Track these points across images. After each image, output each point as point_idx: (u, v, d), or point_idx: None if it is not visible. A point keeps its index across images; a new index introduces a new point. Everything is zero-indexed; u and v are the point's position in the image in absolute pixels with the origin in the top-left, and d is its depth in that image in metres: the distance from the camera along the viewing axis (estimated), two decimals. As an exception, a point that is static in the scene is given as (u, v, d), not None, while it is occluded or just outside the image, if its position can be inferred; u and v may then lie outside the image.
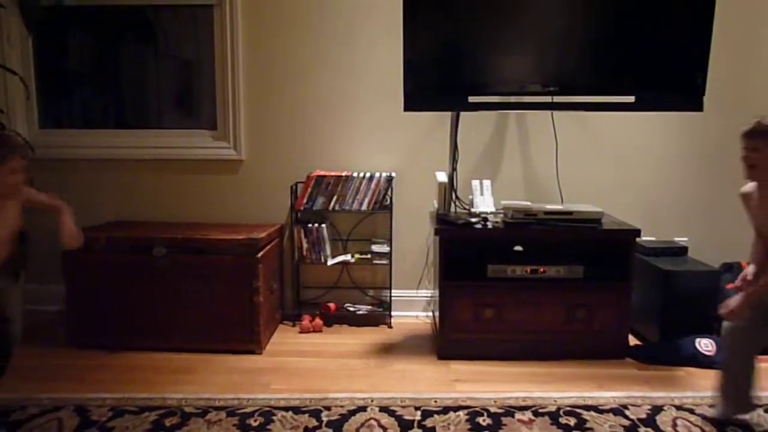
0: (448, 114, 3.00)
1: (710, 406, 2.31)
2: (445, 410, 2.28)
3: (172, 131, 3.33)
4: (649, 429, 2.17)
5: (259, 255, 2.78)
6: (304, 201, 3.09)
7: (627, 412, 2.28)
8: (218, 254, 2.77)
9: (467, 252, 2.85)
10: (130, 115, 3.47)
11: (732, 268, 3.13)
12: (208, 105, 3.30)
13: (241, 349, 2.81)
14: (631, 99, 2.68)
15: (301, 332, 3.10)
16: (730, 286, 3.02)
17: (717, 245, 3.27)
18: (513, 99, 2.79)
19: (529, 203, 2.92)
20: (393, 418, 2.21)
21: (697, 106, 2.63)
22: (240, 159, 3.23)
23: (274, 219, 3.25)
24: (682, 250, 3.02)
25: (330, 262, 3.15)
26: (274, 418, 2.21)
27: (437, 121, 3.13)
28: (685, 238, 3.25)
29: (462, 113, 3.02)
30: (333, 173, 3.09)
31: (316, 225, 3.12)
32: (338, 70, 3.15)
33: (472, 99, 2.71)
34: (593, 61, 2.74)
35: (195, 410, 2.26)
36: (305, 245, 3.14)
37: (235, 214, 3.26)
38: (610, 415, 2.26)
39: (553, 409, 2.30)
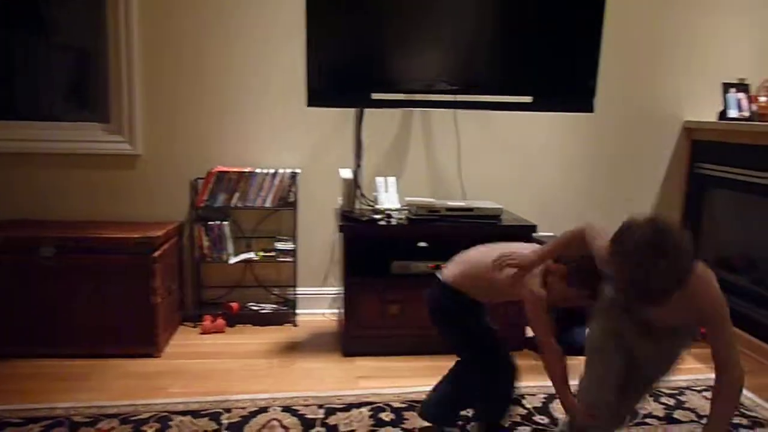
0: (353, 111, 3.00)
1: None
2: (348, 407, 2.28)
3: (65, 124, 3.12)
4: (542, 416, 2.27)
5: (156, 254, 2.67)
6: (205, 197, 2.99)
7: (524, 402, 2.37)
8: (112, 254, 2.64)
9: (372, 248, 2.87)
10: (20, 106, 3.22)
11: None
12: (102, 97, 3.12)
13: (138, 352, 2.69)
14: (529, 99, 2.79)
15: (202, 333, 3.01)
16: (618, 278, 3.21)
17: (607, 239, 3.46)
18: (416, 97, 2.83)
19: (432, 200, 2.97)
20: (295, 418, 2.19)
21: (588, 108, 2.77)
22: (136, 154, 3.09)
23: (173, 216, 3.12)
24: (575, 245, 3.17)
25: (232, 260, 3.07)
26: (172, 423, 2.13)
27: (342, 118, 3.12)
28: (579, 233, 3.41)
29: (367, 110, 3.03)
30: (235, 169, 3.01)
31: (218, 222, 3.03)
32: (242, 65, 3.07)
33: (375, 96, 2.72)
34: (495, 62, 2.83)
35: (85, 419, 2.14)
36: (206, 243, 3.04)
37: (131, 211, 3.11)
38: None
39: (453, 401, 2.35)
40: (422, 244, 2.99)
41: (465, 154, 3.25)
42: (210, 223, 3.03)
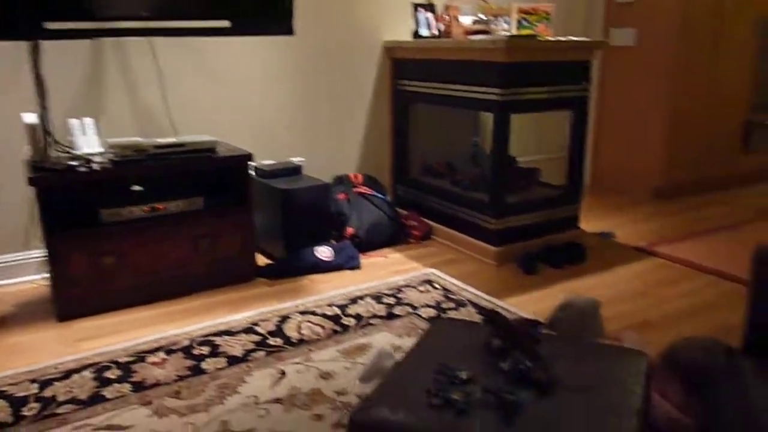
0: (26, 45, 2.59)
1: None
2: (68, 374, 2.08)
3: None
4: (277, 338, 2.32)
5: None
6: None
7: (257, 328, 2.39)
8: None
9: (75, 199, 2.58)
10: None
11: (342, 180, 3.48)
12: None
13: None
14: (227, 24, 2.68)
15: None
16: (341, 196, 3.36)
17: (329, 161, 3.59)
18: (102, 25, 2.54)
19: (138, 139, 2.74)
20: (3, 400, 1.93)
21: (288, 30, 2.76)
22: None
23: None
24: (297, 169, 3.23)
25: None
26: None
27: (18, 53, 2.68)
28: (301, 158, 3.48)
29: (45, 43, 2.64)
30: None
31: None
32: None
33: (50, 25, 2.37)
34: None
35: None
36: None
37: None
38: (242, 334, 2.35)
39: (186, 343, 2.28)
40: (136, 187, 2.78)
41: (171, 88, 3.05)
42: None
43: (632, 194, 4.36)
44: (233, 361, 2.16)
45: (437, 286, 2.79)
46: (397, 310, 2.55)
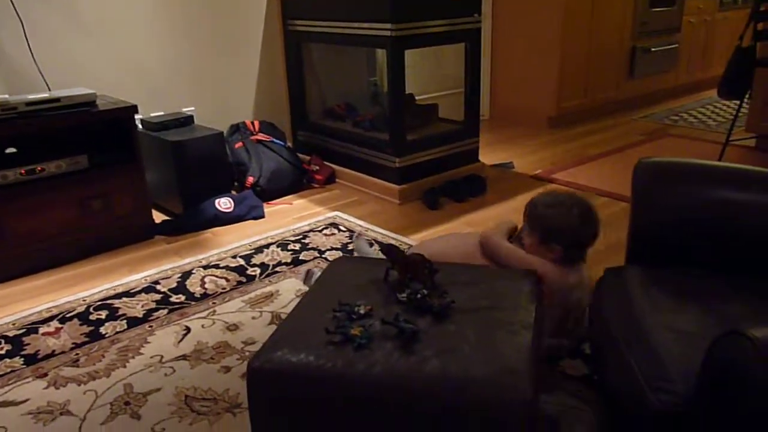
0: None
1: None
2: (-50, 355, 1.94)
3: None
4: (180, 295, 2.25)
5: None
6: None
7: (158, 287, 2.31)
8: None
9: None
10: None
11: (238, 128, 3.36)
12: None
13: None
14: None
15: None
16: (238, 145, 3.25)
17: (222, 109, 3.44)
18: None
19: (6, 96, 2.51)
20: None
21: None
22: None
23: None
24: (188, 120, 3.08)
25: None
26: None
27: None
28: (192, 108, 3.32)
29: None
30: None
31: None
32: None
33: None
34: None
35: None
36: None
37: None
38: (143, 294, 2.26)
39: (82, 309, 2.17)
40: (10, 150, 2.57)
41: (37, 40, 2.79)
42: None
43: (528, 125, 4.48)
44: (134, 322, 2.08)
45: (342, 228, 2.78)
46: (303, 256, 2.52)
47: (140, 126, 3.00)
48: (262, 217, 2.96)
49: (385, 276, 1.43)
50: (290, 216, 2.97)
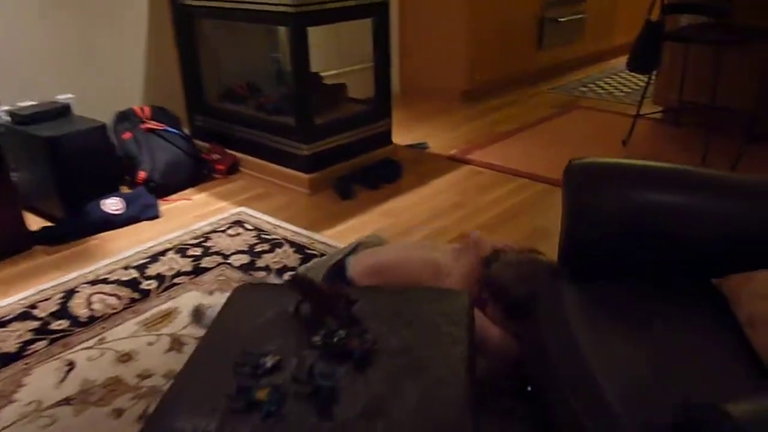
0: None
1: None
2: None
3: None
4: (62, 320, 1.96)
5: None
6: None
7: (36, 312, 2.00)
8: None
9: None
10: None
11: (126, 116, 3.01)
12: None
13: None
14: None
15: None
16: (126, 135, 2.92)
17: (106, 95, 3.07)
18: None
19: None
20: None
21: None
22: None
23: None
24: (65, 110, 2.71)
25: None
26: None
27: None
28: (70, 95, 2.93)
29: None
30: None
31: None
32: None
33: None
34: None
35: None
36: None
37: None
38: (16, 323, 1.95)
39: (-61, 347, 1.84)
40: None
41: None
42: None
43: (441, 99, 4.33)
44: (6, 359, 1.78)
45: (249, 226, 2.54)
46: (205, 262, 2.28)
47: (7, 119, 2.61)
48: (158, 216, 2.66)
49: (296, 310, 1.24)
50: (190, 214, 2.70)
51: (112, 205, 2.58)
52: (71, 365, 1.75)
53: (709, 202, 1.31)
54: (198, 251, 2.35)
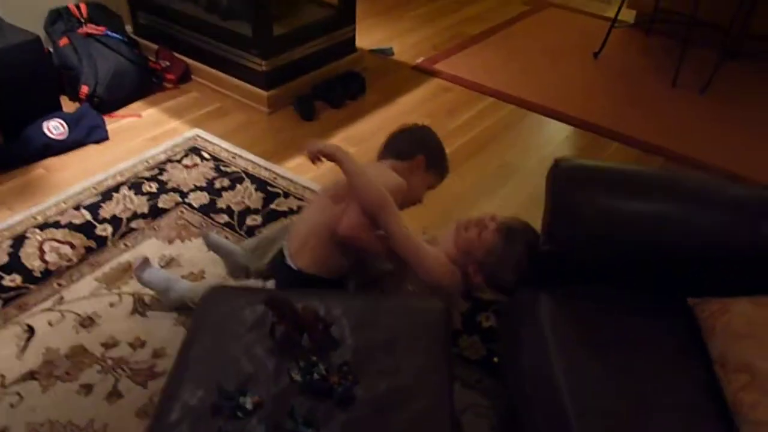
0: None
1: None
2: None
3: None
4: (14, 275, 1.86)
5: None
6: None
7: (-15, 264, 1.90)
8: None
9: None
10: None
11: (60, 17, 2.70)
12: None
13: None
14: None
15: None
16: (63, 42, 2.64)
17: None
18: None
19: None
20: None
21: None
22: None
23: None
24: (-11, 15, 2.40)
25: None
26: None
27: None
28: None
29: None
30: None
31: None
32: None
33: None
34: None
35: None
36: None
37: None
38: (-36, 278, 1.85)
39: None
40: None
41: None
42: None
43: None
44: (-42, 324, 1.72)
45: (206, 155, 2.41)
46: (162, 202, 2.17)
47: None
48: (106, 138, 2.49)
49: (271, 331, 1.20)
50: (140, 136, 2.52)
51: (55, 128, 2.38)
52: (31, 331, 1.70)
53: (692, 213, 1.29)
54: (153, 187, 2.23)
